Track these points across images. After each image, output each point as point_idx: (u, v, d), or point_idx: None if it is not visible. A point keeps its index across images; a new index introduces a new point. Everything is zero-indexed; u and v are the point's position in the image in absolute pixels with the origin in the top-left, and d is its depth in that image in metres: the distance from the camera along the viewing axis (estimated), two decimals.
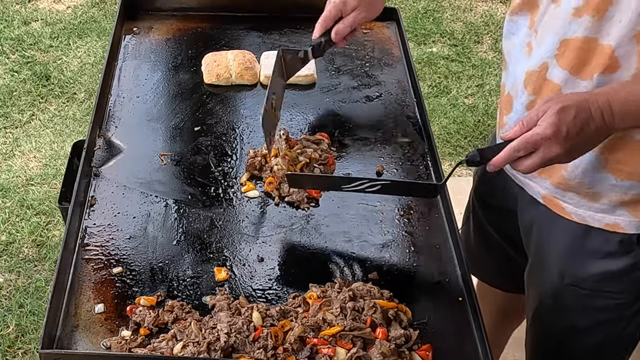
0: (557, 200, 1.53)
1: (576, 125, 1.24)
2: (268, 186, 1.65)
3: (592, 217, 1.50)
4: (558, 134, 1.24)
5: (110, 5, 4.18)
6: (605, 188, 1.45)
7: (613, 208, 1.47)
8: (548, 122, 1.24)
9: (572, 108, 1.25)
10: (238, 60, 1.96)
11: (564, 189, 1.50)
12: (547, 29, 1.42)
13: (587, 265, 1.54)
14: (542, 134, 1.24)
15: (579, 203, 1.50)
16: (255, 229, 1.59)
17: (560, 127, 1.24)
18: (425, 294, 1.49)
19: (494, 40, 4.11)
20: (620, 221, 1.48)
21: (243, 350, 1.31)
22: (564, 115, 1.24)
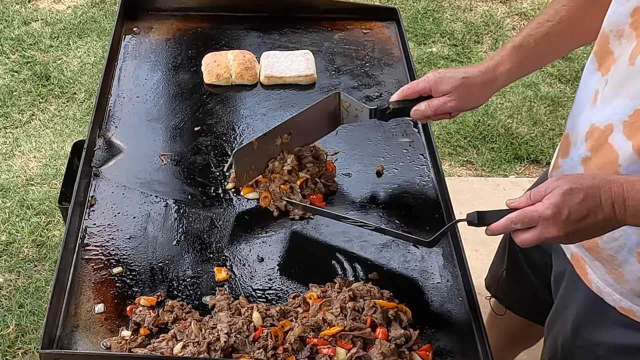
0: (584, 263, 1.47)
1: (580, 211, 1.18)
2: (263, 201, 1.63)
3: (609, 295, 1.42)
4: (558, 216, 1.19)
5: (110, 5, 4.18)
6: (632, 275, 1.37)
7: (632, 296, 1.39)
8: (551, 201, 1.19)
9: (581, 192, 1.18)
10: (238, 60, 1.96)
11: (593, 255, 1.43)
12: (619, 87, 1.30)
13: (602, 331, 1.46)
14: (541, 212, 1.20)
15: (602, 276, 1.42)
16: (255, 229, 1.59)
17: (562, 209, 1.18)
18: (425, 294, 1.49)
19: (494, 40, 4.11)
20: (636, 310, 1.40)
21: (243, 350, 1.31)
22: (569, 198, 1.18)
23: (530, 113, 3.61)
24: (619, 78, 1.31)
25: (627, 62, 1.27)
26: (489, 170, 3.33)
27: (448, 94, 1.54)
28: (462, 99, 1.54)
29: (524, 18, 4.29)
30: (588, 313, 1.48)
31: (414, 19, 4.22)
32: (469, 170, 3.35)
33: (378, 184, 1.71)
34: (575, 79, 3.84)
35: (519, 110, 3.63)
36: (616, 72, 1.32)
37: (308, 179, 1.64)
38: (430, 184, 1.72)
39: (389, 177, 1.73)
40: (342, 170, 1.74)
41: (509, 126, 3.53)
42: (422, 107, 1.56)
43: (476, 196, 3.09)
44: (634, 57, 1.26)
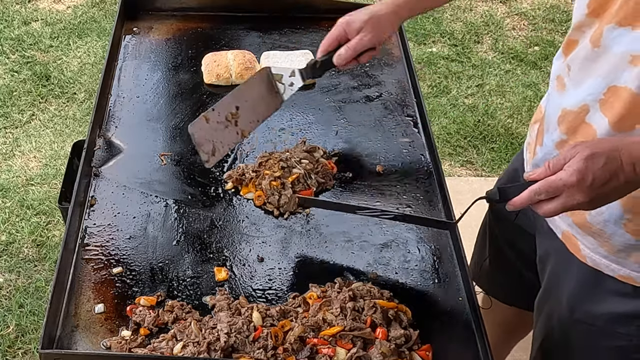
0: (576, 240, 1.48)
1: (604, 175, 1.18)
2: (257, 200, 1.64)
3: (606, 266, 1.44)
4: (582, 182, 1.18)
5: (110, 5, 4.18)
6: (624, 244, 1.40)
7: (629, 262, 1.42)
8: (574, 168, 1.18)
9: (602, 156, 1.18)
10: (238, 60, 1.96)
11: (583, 231, 1.45)
12: (587, 69, 1.35)
13: (599, 303, 1.48)
14: (566, 180, 1.19)
15: (596, 249, 1.45)
16: (255, 229, 1.59)
17: (586, 175, 1.18)
18: (425, 294, 1.49)
19: (494, 40, 4.11)
20: (635, 275, 1.42)
21: (243, 350, 1.31)
22: (592, 163, 1.18)
23: (530, 113, 3.61)
24: (584, 61, 1.35)
25: (590, 45, 1.32)
26: (489, 170, 3.33)
27: (361, 30, 1.61)
28: (375, 31, 1.61)
29: (524, 18, 4.30)
30: (584, 287, 1.49)
31: (414, 19, 4.22)
32: (469, 170, 3.35)
33: (378, 184, 1.71)
34: None
35: (519, 110, 3.63)
36: (579, 56, 1.37)
37: (301, 174, 1.64)
38: (431, 184, 1.72)
39: (389, 177, 1.73)
40: (342, 170, 1.74)
41: (509, 126, 3.53)
42: (343, 50, 1.62)
43: (476, 196, 3.08)
44: (596, 39, 1.30)
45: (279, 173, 1.63)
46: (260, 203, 1.63)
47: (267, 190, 1.62)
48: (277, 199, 1.61)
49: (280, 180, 1.63)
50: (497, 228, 1.82)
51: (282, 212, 1.62)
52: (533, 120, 1.61)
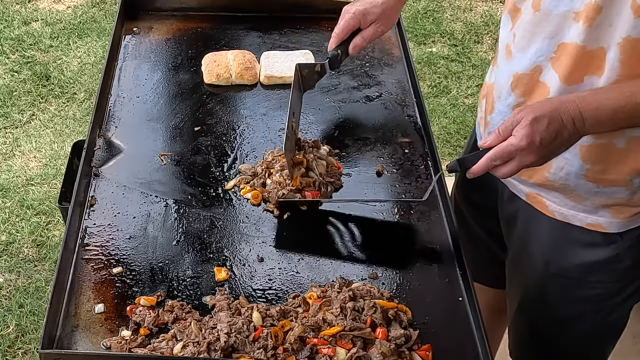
0: (541, 197, 1.56)
1: (549, 135, 1.29)
2: (254, 199, 1.64)
3: (574, 217, 1.53)
4: (532, 144, 1.29)
5: (110, 5, 4.18)
6: (588, 192, 1.49)
7: (595, 209, 1.51)
8: (522, 133, 1.29)
9: (545, 118, 1.29)
10: (238, 60, 1.96)
11: (547, 188, 1.54)
12: (532, 34, 1.43)
13: (571, 255, 1.57)
14: (517, 145, 1.30)
15: (562, 202, 1.53)
16: (255, 229, 1.59)
17: (534, 137, 1.29)
18: (425, 294, 1.49)
19: (493, 40, 4.10)
20: (602, 221, 1.51)
21: (243, 350, 1.31)
22: (538, 126, 1.29)
23: None
24: (528, 26, 1.44)
25: (532, 10, 1.42)
26: None
27: (375, 22, 1.73)
28: (387, 21, 1.75)
29: None
30: (556, 241, 1.58)
31: (414, 19, 4.22)
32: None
33: (378, 184, 1.71)
34: None
35: None
36: (523, 22, 1.46)
37: (317, 180, 1.64)
38: (431, 184, 1.72)
39: (389, 177, 1.73)
40: (342, 170, 1.74)
41: None
42: (358, 40, 1.74)
43: None
44: (537, 4, 1.40)
45: (283, 178, 1.64)
46: (257, 202, 1.63)
47: (271, 191, 1.62)
48: (275, 195, 1.62)
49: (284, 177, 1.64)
50: (463, 206, 1.87)
51: (281, 211, 1.62)
52: (480, 97, 1.70)
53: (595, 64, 1.36)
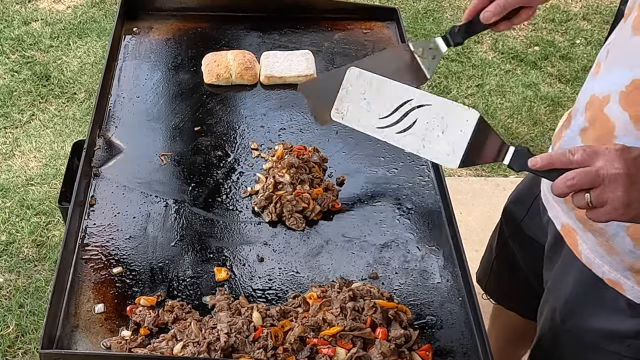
0: (575, 234, 1.44)
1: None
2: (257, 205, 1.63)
3: (599, 267, 1.40)
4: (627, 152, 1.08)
5: (110, 5, 4.18)
6: (623, 249, 1.34)
7: (623, 269, 1.37)
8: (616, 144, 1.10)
9: (637, 150, 1.09)
10: (238, 60, 1.96)
11: (585, 227, 1.40)
12: (621, 57, 1.28)
13: (592, 317, 1.44)
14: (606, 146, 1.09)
15: (593, 247, 1.40)
16: (255, 229, 1.59)
17: (631, 149, 1.08)
18: (425, 294, 1.49)
19: (494, 40, 4.11)
20: (623, 282, 1.37)
21: (243, 350, 1.31)
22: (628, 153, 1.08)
23: (530, 113, 3.61)
24: (621, 47, 1.27)
25: (631, 31, 1.23)
26: (489, 170, 3.33)
27: None
28: None
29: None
30: (580, 294, 1.45)
31: (414, 19, 4.22)
32: (469, 170, 3.35)
33: (378, 184, 1.71)
34: (575, 79, 3.84)
35: (519, 110, 3.63)
36: (618, 41, 1.29)
37: (312, 199, 1.63)
38: (431, 184, 1.72)
39: (389, 177, 1.73)
40: (339, 172, 1.74)
41: (509, 126, 3.53)
42: (491, 7, 1.48)
43: (476, 196, 3.09)
44: (638, 24, 1.21)
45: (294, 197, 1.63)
46: (260, 208, 1.63)
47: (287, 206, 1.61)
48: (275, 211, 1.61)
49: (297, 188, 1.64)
50: (508, 233, 1.77)
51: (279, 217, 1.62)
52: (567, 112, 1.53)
53: None
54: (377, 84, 1.39)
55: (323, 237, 1.59)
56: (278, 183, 1.63)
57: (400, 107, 1.36)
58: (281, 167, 1.66)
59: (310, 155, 1.71)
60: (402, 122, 1.35)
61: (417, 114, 1.34)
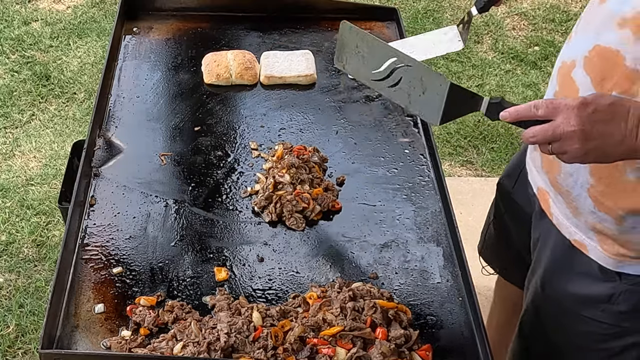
0: (548, 197, 1.53)
1: (607, 112, 1.15)
2: (257, 205, 1.63)
3: (566, 229, 1.48)
4: (583, 108, 1.15)
5: (110, 5, 4.17)
6: (585, 209, 1.42)
7: (587, 229, 1.44)
8: (580, 97, 1.17)
9: (611, 98, 1.17)
10: (238, 60, 1.96)
11: (555, 189, 1.49)
12: (588, 24, 1.36)
13: (568, 282, 1.50)
14: (567, 101, 1.16)
15: (563, 209, 1.48)
16: (255, 229, 1.59)
17: (589, 103, 1.15)
18: (425, 294, 1.49)
19: (494, 40, 4.10)
20: (587, 244, 1.45)
21: (243, 350, 1.31)
22: (599, 98, 1.16)
23: None
24: (589, 16, 1.37)
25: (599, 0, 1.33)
26: (489, 170, 3.33)
27: None
28: None
29: (524, 18, 4.29)
30: (557, 258, 1.52)
31: (414, 19, 4.22)
32: (469, 170, 3.35)
33: (378, 184, 1.71)
34: None
35: None
36: (587, 9, 1.38)
37: (312, 199, 1.63)
38: (431, 184, 1.72)
39: (389, 177, 1.73)
40: (343, 170, 1.74)
41: (509, 126, 3.53)
42: None
43: (476, 196, 3.08)
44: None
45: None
46: (260, 208, 1.63)
47: (287, 207, 1.61)
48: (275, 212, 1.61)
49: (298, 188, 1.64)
50: (502, 205, 1.82)
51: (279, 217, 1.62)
52: None
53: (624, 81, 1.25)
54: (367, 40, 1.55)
55: (323, 237, 1.59)
56: (278, 183, 1.63)
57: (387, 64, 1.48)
58: (281, 167, 1.66)
59: (310, 155, 1.71)
60: (390, 78, 1.47)
61: (401, 73, 1.48)
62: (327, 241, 1.58)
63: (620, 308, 1.45)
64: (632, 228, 1.38)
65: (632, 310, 1.44)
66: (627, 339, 1.48)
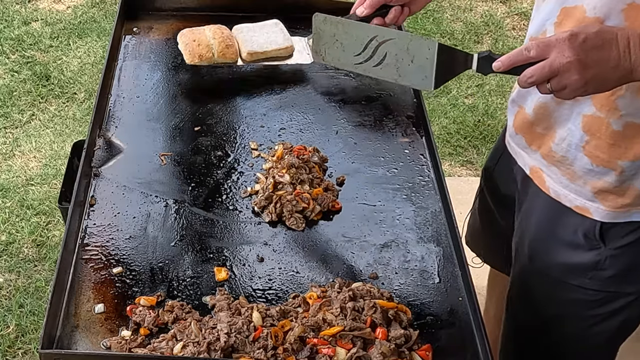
0: (542, 172, 1.54)
1: (596, 39, 1.17)
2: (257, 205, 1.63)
3: (565, 196, 1.50)
4: (573, 39, 1.17)
5: (110, 5, 4.18)
6: (583, 170, 1.45)
7: (587, 192, 1.47)
8: (567, 30, 1.18)
9: (597, 27, 1.19)
10: (218, 38, 1.91)
11: (549, 161, 1.51)
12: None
13: (554, 252, 1.54)
14: (557, 36, 1.18)
15: (559, 179, 1.50)
16: (255, 229, 1.59)
17: (578, 34, 1.17)
18: (425, 294, 1.49)
19: (494, 40, 4.11)
20: (589, 206, 1.47)
21: (243, 350, 1.31)
22: (586, 28, 1.18)
23: None
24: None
25: None
26: None
27: None
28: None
29: (524, 18, 4.29)
30: (543, 228, 1.55)
31: (414, 19, 4.22)
32: (469, 170, 3.35)
33: (378, 184, 1.71)
34: None
35: None
36: None
37: (312, 199, 1.63)
38: (431, 184, 1.72)
39: (389, 177, 1.73)
40: (343, 170, 1.74)
41: None
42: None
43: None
44: None
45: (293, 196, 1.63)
46: (260, 208, 1.63)
47: (287, 206, 1.60)
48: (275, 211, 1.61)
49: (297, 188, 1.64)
50: (486, 190, 1.85)
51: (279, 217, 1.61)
52: None
53: None
54: (343, 26, 1.55)
55: (323, 237, 1.59)
56: (278, 183, 1.63)
57: (369, 43, 1.51)
58: (281, 167, 1.66)
59: (310, 155, 1.72)
60: (374, 56, 1.50)
61: (385, 48, 1.49)
62: (327, 241, 1.58)
63: (607, 274, 1.48)
64: (632, 175, 1.40)
65: (618, 275, 1.48)
66: (613, 304, 1.53)
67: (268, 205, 1.61)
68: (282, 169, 1.65)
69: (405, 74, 1.43)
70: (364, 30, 1.49)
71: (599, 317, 1.56)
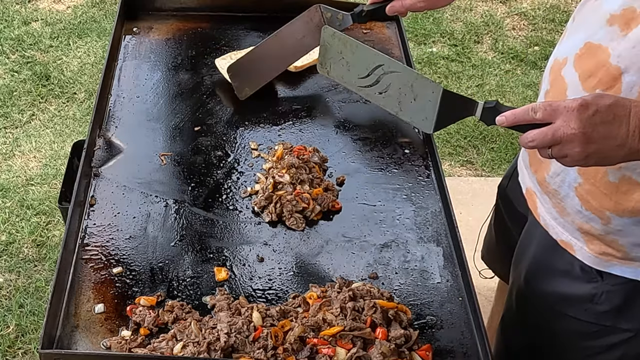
0: (535, 198, 1.53)
1: (607, 113, 1.12)
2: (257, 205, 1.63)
3: (553, 228, 1.48)
4: (583, 110, 1.12)
5: (110, 5, 4.18)
6: (572, 209, 1.42)
7: (573, 230, 1.44)
8: (579, 98, 1.14)
9: (611, 98, 1.14)
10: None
11: (543, 190, 1.49)
12: (582, 22, 1.35)
13: (551, 280, 1.51)
14: (567, 104, 1.14)
15: (549, 210, 1.48)
16: (255, 229, 1.59)
17: (589, 104, 1.12)
18: (425, 294, 1.49)
19: (494, 40, 4.11)
20: (574, 244, 1.45)
21: (243, 350, 1.31)
22: (600, 99, 1.13)
23: None
24: (581, 14, 1.37)
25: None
26: (489, 170, 3.33)
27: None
28: (431, 1, 1.69)
29: (524, 18, 4.30)
30: (541, 256, 1.52)
31: (414, 19, 4.22)
32: (469, 170, 3.35)
33: (378, 184, 1.71)
34: None
35: None
36: (583, 8, 1.37)
37: (312, 199, 1.63)
38: (431, 184, 1.72)
39: (389, 177, 1.73)
40: (343, 170, 1.74)
41: None
42: (397, 5, 1.72)
43: (476, 196, 3.08)
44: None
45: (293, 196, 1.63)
46: (260, 208, 1.62)
47: (287, 206, 1.60)
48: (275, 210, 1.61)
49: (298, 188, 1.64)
50: (502, 206, 1.82)
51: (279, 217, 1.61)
52: None
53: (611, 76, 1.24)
54: (351, 46, 1.55)
55: (323, 237, 1.59)
56: (278, 183, 1.63)
57: (374, 70, 1.49)
58: (281, 167, 1.66)
59: (310, 155, 1.72)
60: (378, 85, 1.48)
61: (389, 79, 1.47)
62: (327, 241, 1.58)
63: (602, 308, 1.45)
64: (619, 230, 1.37)
65: (614, 310, 1.45)
66: (609, 339, 1.48)
67: (268, 205, 1.61)
68: (282, 169, 1.65)
69: (406, 109, 1.40)
70: (370, 56, 1.46)
71: (593, 349, 1.51)
